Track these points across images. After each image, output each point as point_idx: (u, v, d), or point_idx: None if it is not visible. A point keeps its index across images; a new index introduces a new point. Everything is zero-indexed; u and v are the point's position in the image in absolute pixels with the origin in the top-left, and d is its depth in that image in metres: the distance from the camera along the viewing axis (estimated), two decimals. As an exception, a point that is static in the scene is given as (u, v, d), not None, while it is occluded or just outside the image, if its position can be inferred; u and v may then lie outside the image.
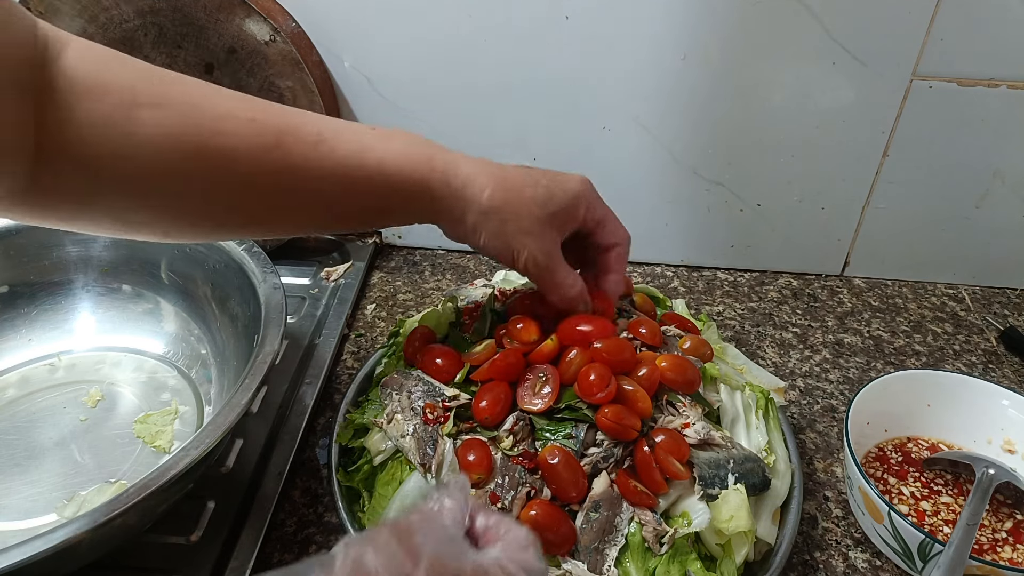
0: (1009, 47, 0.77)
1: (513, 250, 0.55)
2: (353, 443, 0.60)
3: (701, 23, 0.78)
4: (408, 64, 0.83)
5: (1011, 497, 0.63)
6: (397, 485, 0.55)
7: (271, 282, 0.66)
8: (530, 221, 0.54)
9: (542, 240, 0.55)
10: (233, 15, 0.77)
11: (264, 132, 0.47)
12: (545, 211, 0.55)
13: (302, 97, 0.81)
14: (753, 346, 0.83)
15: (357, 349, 0.81)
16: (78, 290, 0.77)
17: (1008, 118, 0.81)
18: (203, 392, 0.72)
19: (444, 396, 0.58)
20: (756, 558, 0.56)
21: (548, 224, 0.55)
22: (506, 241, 0.55)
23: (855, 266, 0.94)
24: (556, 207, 0.55)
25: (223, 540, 0.58)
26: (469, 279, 0.90)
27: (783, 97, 0.82)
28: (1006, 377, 0.81)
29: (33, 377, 0.73)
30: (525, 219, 0.54)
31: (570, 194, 0.56)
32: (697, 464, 0.54)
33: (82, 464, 0.65)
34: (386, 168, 0.51)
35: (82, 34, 0.79)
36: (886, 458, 0.67)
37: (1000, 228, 0.89)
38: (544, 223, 0.55)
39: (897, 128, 0.83)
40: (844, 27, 0.77)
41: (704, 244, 0.94)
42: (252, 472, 0.64)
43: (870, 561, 0.61)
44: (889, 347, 0.84)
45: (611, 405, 0.54)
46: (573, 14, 0.78)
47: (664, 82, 0.82)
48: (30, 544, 0.44)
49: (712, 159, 0.87)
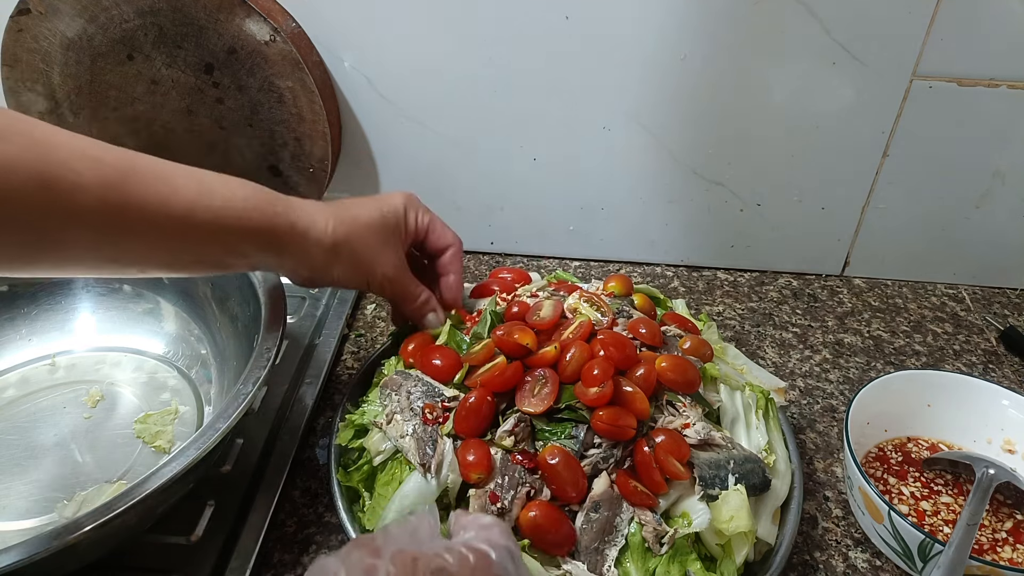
0: (1009, 47, 0.77)
1: (367, 276, 0.60)
2: (353, 443, 0.60)
3: (701, 23, 0.78)
4: (408, 64, 0.83)
5: (1011, 497, 0.63)
6: (397, 485, 0.55)
7: (271, 282, 0.66)
8: (375, 242, 0.59)
9: (390, 257, 0.60)
10: (233, 15, 0.77)
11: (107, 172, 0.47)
12: (384, 230, 0.60)
13: (302, 97, 0.81)
14: (753, 346, 0.83)
15: (357, 349, 0.81)
16: (78, 290, 0.77)
17: (1008, 118, 0.81)
18: (203, 392, 0.72)
19: (443, 396, 0.58)
20: (756, 558, 0.56)
21: (389, 241, 0.60)
22: (359, 269, 0.59)
23: (855, 266, 0.94)
24: (390, 222, 0.60)
25: (223, 540, 0.58)
26: (469, 279, 0.90)
27: (783, 97, 0.82)
28: (1006, 377, 0.81)
29: (33, 377, 0.73)
30: (371, 241, 0.59)
31: (398, 207, 0.61)
32: (697, 464, 0.54)
33: (82, 464, 0.65)
34: (231, 209, 0.52)
35: (82, 34, 0.79)
36: (886, 458, 0.67)
37: (1000, 228, 0.89)
38: (386, 241, 0.60)
39: (897, 128, 0.83)
40: (844, 27, 0.77)
41: (704, 244, 0.94)
42: (252, 472, 0.64)
43: (870, 561, 0.61)
44: (889, 347, 0.84)
45: (606, 407, 0.54)
46: (573, 14, 0.78)
47: (664, 82, 0.82)
48: (30, 544, 0.44)
49: (712, 159, 0.87)
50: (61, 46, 0.80)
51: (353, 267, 0.59)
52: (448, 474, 0.54)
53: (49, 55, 0.81)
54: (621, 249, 0.95)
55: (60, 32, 0.79)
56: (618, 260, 0.96)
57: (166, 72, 0.82)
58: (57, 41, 0.80)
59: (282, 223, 0.54)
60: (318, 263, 0.57)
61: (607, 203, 0.91)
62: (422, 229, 0.64)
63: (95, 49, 0.80)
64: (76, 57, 0.81)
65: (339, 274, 0.59)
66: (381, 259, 0.60)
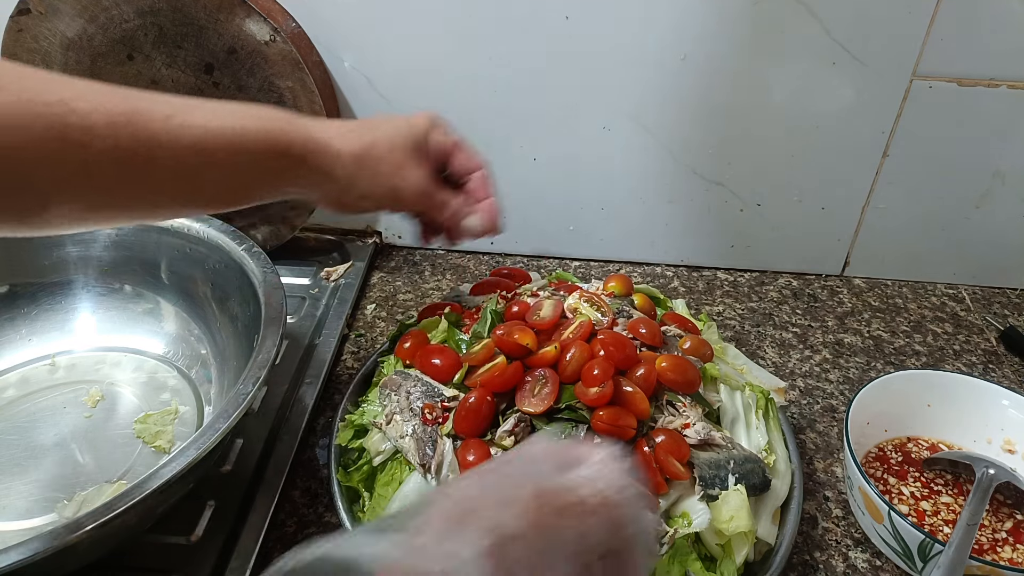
0: (1009, 47, 0.77)
1: (395, 186, 0.56)
2: (352, 444, 0.60)
3: (701, 23, 0.78)
4: (408, 64, 0.83)
5: (1011, 497, 0.63)
6: (397, 486, 0.55)
7: (271, 282, 0.66)
8: (401, 154, 0.56)
9: (417, 168, 0.57)
10: (233, 15, 0.77)
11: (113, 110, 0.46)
12: (408, 142, 0.56)
13: (302, 97, 0.81)
14: (753, 346, 0.83)
15: (357, 349, 0.81)
16: (78, 290, 0.77)
17: (1008, 118, 0.81)
18: (203, 392, 0.72)
19: (443, 396, 0.58)
20: (756, 558, 0.56)
21: (415, 153, 0.57)
22: (385, 181, 0.56)
23: (855, 266, 0.94)
24: (416, 134, 0.57)
25: (223, 540, 0.58)
26: (469, 279, 0.90)
27: (783, 97, 0.82)
28: (1006, 377, 0.81)
29: (33, 377, 0.73)
30: (396, 153, 0.56)
31: (424, 122, 0.58)
32: (697, 464, 0.54)
33: (82, 464, 0.65)
34: (247, 136, 0.50)
35: (82, 34, 0.79)
36: (886, 458, 0.67)
37: (1000, 228, 0.89)
38: (411, 153, 0.57)
39: (897, 128, 0.83)
40: (844, 27, 0.77)
41: (704, 244, 0.94)
42: (252, 472, 0.64)
43: (870, 561, 0.61)
44: (889, 347, 0.84)
45: (606, 408, 0.54)
46: (573, 14, 0.78)
47: (664, 82, 0.82)
48: (30, 544, 0.44)
49: (712, 159, 0.87)
50: (61, 46, 0.80)
51: (378, 179, 0.55)
52: (448, 474, 0.54)
53: (49, 55, 0.81)
54: (621, 249, 0.95)
55: (60, 32, 0.79)
56: (618, 260, 0.96)
57: (166, 72, 0.82)
58: (57, 41, 0.80)
59: (298, 137, 0.52)
60: (341, 177, 0.54)
61: (607, 203, 0.91)
62: (448, 144, 0.60)
63: (95, 49, 0.80)
64: (76, 57, 0.81)
65: (365, 187, 0.55)
66: (407, 171, 0.56)
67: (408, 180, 0.56)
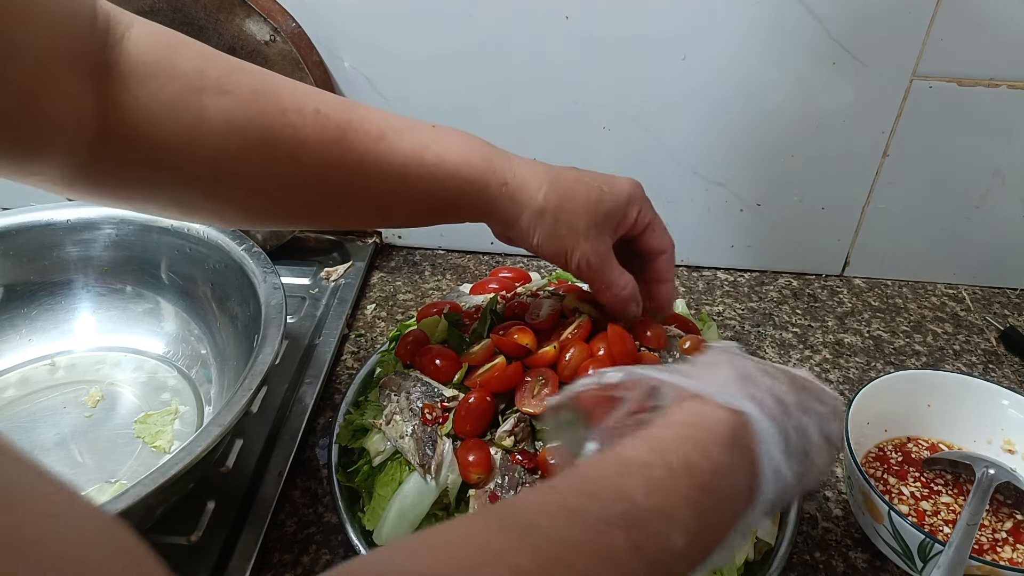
0: (1009, 47, 0.77)
1: (566, 250, 0.55)
2: (352, 444, 0.60)
3: (701, 23, 0.78)
4: (408, 64, 0.83)
5: (1011, 497, 0.63)
6: (396, 486, 0.55)
7: (271, 282, 0.66)
8: (583, 221, 0.54)
9: (595, 241, 0.55)
10: (233, 15, 0.77)
11: (328, 125, 0.47)
12: (598, 212, 0.55)
13: (302, 97, 0.81)
14: (753, 346, 0.83)
15: (357, 349, 0.81)
16: (78, 290, 0.77)
17: (1008, 118, 0.81)
18: (203, 392, 0.72)
19: (443, 396, 0.58)
20: (756, 558, 0.56)
21: (600, 225, 0.55)
22: (559, 242, 0.55)
23: (855, 266, 0.94)
24: (608, 208, 0.55)
25: (223, 540, 0.58)
26: (469, 279, 0.90)
27: (783, 97, 0.82)
28: (1006, 377, 0.81)
29: (33, 377, 0.73)
30: (579, 219, 0.54)
31: (623, 196, 0.56)
32: (697, 464, 0.54)
33: (82, 464, 0.65)
34: (445, 166, 0.51)
35: (82, 34, 0.79)
36: (886, 458, 0.67)
37: (1000, 228, 0.89)
38: (597, 224, 0.55)
39: (897, 128, 0.83)
40: (844, 27, 0.77)
41: (704, 244, 0.94)
42: (252, 472, 0.64)
43: (870, 561, 0.61)
44: (889, 347, 0.84)
45: None
46: (573, 14, 0.78)
47: (664, 82, 0.82)
48: (30, 544, 0.44)
49: (712, 159, 0.87)
50: (61, 46, 0.80)
51: (554, 239, 0.55)
52: (448, 474, 0.54)
53: (49, 55, 0.81)
54: (621, 249, 0.95)
55: (60, 32, 0.79)
56: (618, 260, 0.96)
57: (166, 72, 0.82)
58: (57, 41, 0.80)
59: (495, 180, 0.52)
60: (521, 225, 0.54)
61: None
62: (641, 225, 0.58)
63: (95, 49, 0.80)
64: (76, 57, 0.81)
65: (539, 241, 0.55)
66: (586, 241, 0.55)
67: (581, 250, 0.55)
